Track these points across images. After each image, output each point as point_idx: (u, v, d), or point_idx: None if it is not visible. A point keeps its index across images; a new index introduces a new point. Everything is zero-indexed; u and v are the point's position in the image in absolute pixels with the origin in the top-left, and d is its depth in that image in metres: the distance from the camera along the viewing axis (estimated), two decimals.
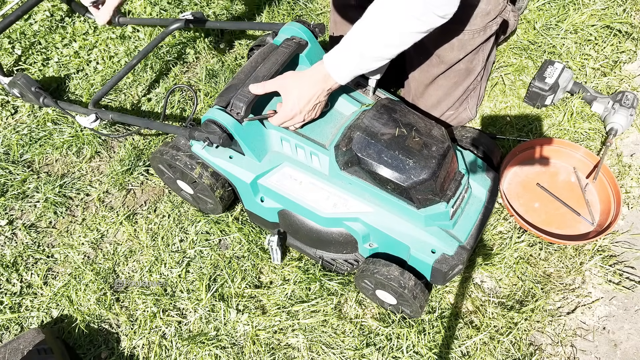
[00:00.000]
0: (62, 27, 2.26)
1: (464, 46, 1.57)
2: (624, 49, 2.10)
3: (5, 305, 1.62)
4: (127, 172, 1.86)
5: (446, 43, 1.56)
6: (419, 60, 1.68)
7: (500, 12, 1.53)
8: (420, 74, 1.71)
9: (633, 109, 1.84)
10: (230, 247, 1.71)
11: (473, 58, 1.64)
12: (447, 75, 1.67)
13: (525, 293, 1.59)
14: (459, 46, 1.57)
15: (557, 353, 1.51)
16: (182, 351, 1.53)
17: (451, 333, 1.53)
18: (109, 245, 1.74)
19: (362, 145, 1.30)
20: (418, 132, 1.32)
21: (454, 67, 1.64)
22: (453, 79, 1.69)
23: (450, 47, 1.57)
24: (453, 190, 1.34)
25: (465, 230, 1.38)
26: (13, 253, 1.72)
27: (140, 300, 1.62)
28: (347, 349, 1.51)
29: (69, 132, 1.96)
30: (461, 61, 1.62)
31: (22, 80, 1.84)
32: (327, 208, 1.39)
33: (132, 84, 2.08)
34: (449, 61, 1.62)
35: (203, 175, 1.54)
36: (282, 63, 1.44)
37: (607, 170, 1.73)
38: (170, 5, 2.31)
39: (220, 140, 1.38)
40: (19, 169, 1.88)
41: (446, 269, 1.33)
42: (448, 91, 1.72)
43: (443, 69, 1.64)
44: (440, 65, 1.63)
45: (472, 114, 1.85)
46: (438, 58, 1.61)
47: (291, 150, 1.44)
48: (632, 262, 1.66)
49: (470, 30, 1.53)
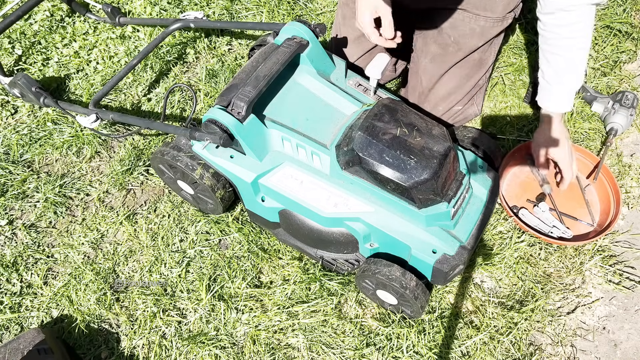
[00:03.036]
0: (62, 27, 2.26)
1: (483, 33, 1.59)
2: (624, 49, 2.10)
3: (5, 305, 1.62)
4: (127, 172, 1.86)
5: (468, 29, 1.59)
6: (434, 50, 1.68)
7: (516, 6, 1.55)
8: (434, 65, 1.72)
9: (633, 109, 1.84)
10: (230, 247, 1.70)
11: (487, 49, 1.67)
12: (462, 65, 1.69)
13: (525, 293, 1.59)
14: (480, 33, 1.59)
15: (557, 353, 1.51)
16: (182, 351, 1.53)
17: (451, 333, 1.53)
18: (109, 245, 1.74)
19: (363, 144, 1.30)
20: (419, 131, 1.32)
21: (469, 56, 1.66)
22: (466, 70, 1.70)
23: (471, 33, 1.59)
24: (454, 191, 1.34)
25: (466, 230, 1.38)
26: (13, 253, 1.72)
27: (140, 300, 1.62)
28: (347, 348, 1.51)
29: (69, 132, 1.96)
30: (477, 50, 1.65)
31: (23, 80, 1.84)
32: (328, 208, 1.39)
33: (132, 84, 2.08)
34: (467, 48, 1.63)
35: (204, 176, 1.54)
36: (283, 63, 1.44)
37: (607, 170, 1.73)
38: (170, 5, 2.31)
39: (220, 140, 1.38)
40: (19, 169, 1.87)
41: (447, 269, 1.33)
42: (460, 83, 1.74)
43: (460, 56, 1.66)
44: (457, 52, 1.65)
45: (478, 110, 1.86)
46: (456, 45, 1.63)
47: (292, 149, 1.44)
48: (632, 262, 1.66)
49: (492, 18, 1.55)
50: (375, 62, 1.48)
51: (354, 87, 1.57)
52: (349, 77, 1.60)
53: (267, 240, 1.71)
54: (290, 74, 1.55)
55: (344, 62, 1.62)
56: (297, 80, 1.55)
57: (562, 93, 1.52)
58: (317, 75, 1.54)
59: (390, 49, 1.93)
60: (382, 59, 1.48)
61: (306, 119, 1.48)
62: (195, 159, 1.54)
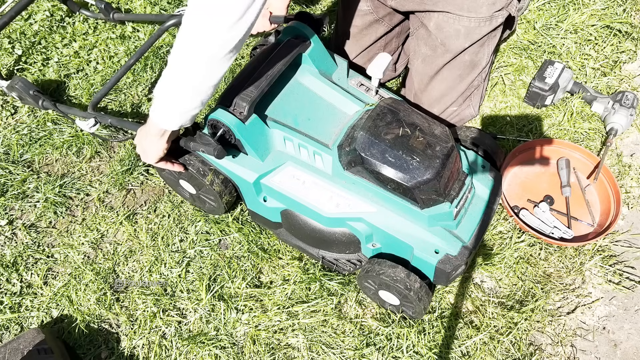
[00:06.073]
0: (62, 27, 2.25)
1: (469, 34, 1.58)
2: (624, 49, 2.10)
3: (5, 305, 1.62)
4: (127, 172, 1.86)
5: (452, 30, 1.57)
6: (424, 51, 1.68)
7: (506, 5, 1.54)
8: (425, 66, 1.71)
9: (633, 109, 1.84)
10: (230, 247, 1.70)
11: (478, 51, 1.65)
12: (452, 66, 1.68)
13: (525, 293, 1.60)
14: (465, 33, 1.57)
15: (557, 353, 1.52)
16: (182, 351, 1.53)
17: (451, 333, 1.53)
18: (109, 245, 1.73)
19: (365, 144, 1.30)
20: (422, 131, 1.32)
21: (459, 57, 1.65)
22: (457, 71, 1.69)
23: (456, 35, 1.58)
24: (457, 191, 1.34)
25: (469, 230, 1.38)
26: (13, 253, 1.71)
27: (140, 300, 1.61)
28: (347, 348, 1.51)
29: (69, 132, 1.95)
30: (466, 51, 1.63)
31: (20, 84, 1.82)
32: (330, 208, 1.39)
33: (132, 83, 2.08)
34: (454, 49, 1.62)
35: (214, 182, 1.54)
36: (285, 62, 1.44)
37: (607, 171, 1.73)
38: (170, 5, 2.31)
39: (215, 152, 1.37)
40: (19, 169, 1.87)
41: (449, 269, 1.33)
42: (452, 84, 1.72)
43: (448, 58, 1.64)
44: (445, 54, 1.64)
45: (475, 112, 1.85)
46: (443, 47, 1.62)
47: (294, 149, 1.44)
48: (632, 262, 1.66)
49: (477, 18, 1.54)
50: (377, 61, 1.48)
51: (355, 86, 1.57)
52: (351, 77, 1.60)
53: (267, 240, 1.71)
54: (292, 74, 1.55)
55: (346, 62, 1.62)
56: (299, 80, 1.55)
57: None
58: (319, 75, 1.54)
59: (391, 48, 1.93)
60: (384, 59, 1.48)
61: (308, 119, 1.48)
62: (206, 164, 1.53)
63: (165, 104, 1.25)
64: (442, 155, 1.29)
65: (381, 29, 1.80)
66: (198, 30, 1.08)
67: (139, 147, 1.44)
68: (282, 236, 1.63)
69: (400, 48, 1.96)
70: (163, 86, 1.21)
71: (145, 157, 1.44)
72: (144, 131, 1.39)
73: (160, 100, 1.24)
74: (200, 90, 1.20)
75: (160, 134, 1.34)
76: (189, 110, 1.25)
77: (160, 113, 1.27)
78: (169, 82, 1.20)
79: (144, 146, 1.41)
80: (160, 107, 1.26)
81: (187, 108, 1.24)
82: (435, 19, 1.57)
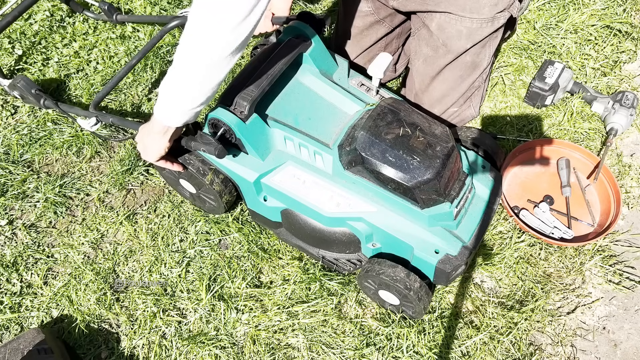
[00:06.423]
0: (62, 27, 2.25)
1: (471, 35, 1.58)
2: (624, 49, 2.11)
3: (5, 305, 1.62)
4: (127, 172, 1.86)
5: (454, 31, 1.58)
6: (426, 51, 1.68)
7: (508, 6, 1.54)
8: (426, 67, 1.71)
9: (633, 109, 1.84)
10: (230, 247, 1.70)
11: (480, 52, 1.65)
12: (453, 67, 1.68)
13: (525, 293, 1.60)
14: (467, 34, 1.58)
15: (557, 353, 1.52)
16: (182, 351, 1.53)
17: (451, 333, 1.53)
18: (109, 245, 1.73)
19: (366, 144, 1.30)
20: (422, 131, 1.32)
21: (460, 58, 1.65)
22: (459, 72, 1.69)
23: (458, 35, 1.58)
24: (457, 191, 1.34)
25: (469, 230, 1.38)
26: (13, 253, 1.71)
27: (140, 300, 1.61)
28: (347, 348, 1.51)
29: (69, 132, 1.95)
30: (468, 52, 1.63)
31: (22, 82, 1.82)
32: (330, 208, 1.39)
33: (132, 83, 2.08)
34: (456, 50, 1.62)
35: (214, 181, 1.54)
36: (286, 62, 1.44)
37: (607, 171, 1.73)
38: (170, 5, 2.31)
39: (216, 151, 1.37)
40: (19, 169, 1.87)
41: (450, 269, 1.33)
42: (453, 85, 1.72)
43: (450, 59, 1.64)
44: (447, 55, 1.64)
45: (475, 112, 1.85)
46: (445, 47, 1.62)
47: (295, 149, 1.44)
48: (632, 262, 1.66)
49: (479, 19, 1.54)
50: (377, 61, 1.48)
51: (356, 86, 1.57)
52: (352, 77, 1.60)
53: (267, 240, 1.71)
54: (293, 74, 1.55)
55: (347, 62, 1.62)
56: (299, 79, 1.55)
57: None
58: (319, 74, 1.54)
59: (391, 49, 1.93)
60: (385, 59, 1.48)
61: (309, 119, 1.48)
62: (206, 164, 1.53)
63: (169, 101, 1.26)
64: (442, 155, 1.29)
65: (382, 30, 1.80)
66: (203, 30, 1.09)
67: (140, 145, 1.44)
68: (282, 236, 1.63)
69: (400, 49, 1.96)
70: (168, 84, 1.23)
71: (145, 155, 1.44)
72: (147, 129, 1.40)
73: (165, 97, 1.26)
74: (204, 88, 1.22)
75: (163, 132, 1.34)
76: (192, 108, 1.26)
77: (165, 110, 1.28)
78: (174, 81, 1.21)
79: (146, 144, 1.42)
80: (164, 104, 1.27)
81: (191, 106, 1.25)
82: (437, 19, 1.57)
